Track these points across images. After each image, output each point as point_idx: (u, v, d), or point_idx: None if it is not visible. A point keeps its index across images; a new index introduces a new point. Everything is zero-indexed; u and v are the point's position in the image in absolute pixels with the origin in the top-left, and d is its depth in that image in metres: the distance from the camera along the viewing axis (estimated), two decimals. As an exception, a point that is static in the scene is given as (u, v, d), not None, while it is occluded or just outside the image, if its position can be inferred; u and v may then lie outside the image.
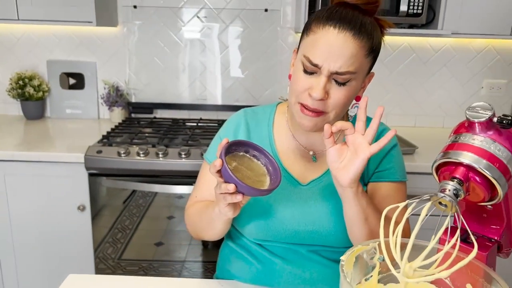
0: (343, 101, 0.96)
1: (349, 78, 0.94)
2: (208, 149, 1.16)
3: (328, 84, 0.93)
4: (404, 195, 1.09)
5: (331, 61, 0.91)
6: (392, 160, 1.08)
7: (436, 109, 2.46)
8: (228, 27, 2.35)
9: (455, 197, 0.66)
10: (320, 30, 0.94)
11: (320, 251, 1.07)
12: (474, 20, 2.00)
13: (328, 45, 0.92)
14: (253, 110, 1.15)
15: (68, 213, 1.90)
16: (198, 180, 1.16)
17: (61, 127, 2.27)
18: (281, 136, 1.10)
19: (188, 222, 1.14)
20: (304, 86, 0.95)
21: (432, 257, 0.64)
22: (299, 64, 0.97)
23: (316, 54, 0.93)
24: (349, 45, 0.92)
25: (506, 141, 0.68)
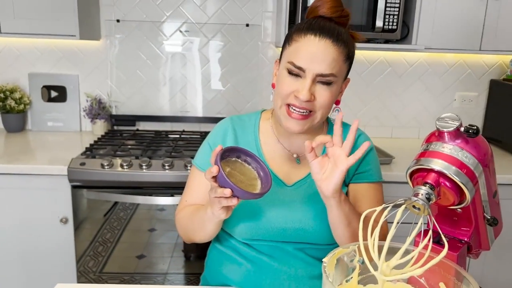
0: (328, 101, 1.03)
1: (332, 80, 1.02)
2: (196, 155, 1.20)
3: (313, 87, 1.01)
4: (381, 194, 1.17)
5: (315, 64, 0.99)
6: (370, 163, 1.16)
7: (411, 120, 2.54)
8: (210, 41, 2.40)
9: (427, 200, 0.71)
10: (302, 39, 1.02)
11: (306, 249, 1.12)
12: (446, 36, 2.10)
13: (310, 51, 1.00)
14: (239, 117, 1.21)
15: (50, 226, 1.90)
16: (187, 185, 1.20)
17: (42, 139, 2.26)
18: (266, 140, 1.16)
19: (179, 226, 1.18)
20: (290, 89, 1.02)
21: (407, 256, 0.68)
22: (283, 71, 1.05)
23: (300, 59, 1.01)
24: (330, 50, 1.00)
25: (473, 149, 0.74)
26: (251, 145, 1.15)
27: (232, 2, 2.36)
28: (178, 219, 1.18)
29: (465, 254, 0.82)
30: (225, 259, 1.17)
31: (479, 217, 0.79)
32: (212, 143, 1.17)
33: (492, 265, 2.04)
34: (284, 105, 1.04)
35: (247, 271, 1.13)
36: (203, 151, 1.19)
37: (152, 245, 1.98)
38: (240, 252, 1.14)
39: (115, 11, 2.34)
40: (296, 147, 1.15)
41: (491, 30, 2.09)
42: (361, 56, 2.43)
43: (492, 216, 0.80)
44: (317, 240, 1.11)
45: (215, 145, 1.13)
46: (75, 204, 1.89)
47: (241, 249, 1.14)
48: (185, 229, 1.15)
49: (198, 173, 1.17)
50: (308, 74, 1.00)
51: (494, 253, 2.01)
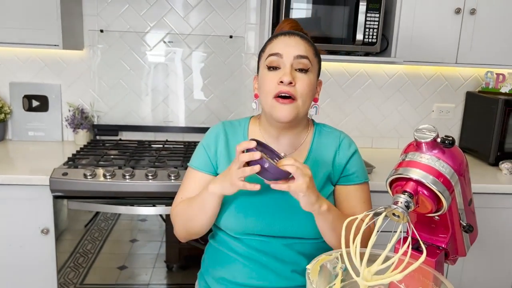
0: (307, 88, 1.12)
1: (308, 66, 1.12)
2: (192, 158, 1.28)
3: (293, 72, 1.11)
4: (368, 193, 1.25)
5: (290, 48, 1.12)
6: (356, 165, 1.23)
7: (391, 131, 2.60)
8: (194, 52, 2.42)
9: (406, 208, 0.74)
10: (274, 40, 1.16)
11: (293, 244, 1.17)
12: (424, 49, 2.16)
13: (284, 43, 1.14)
14: (230, 122, 1.29)
15: (31, 237, 1.87)
16: (183, 184, 1.27)
17: (23, 149, 2.24)
18: None
19: (176, 220, 1.23)
20: (274, 80, 1.11)
21: (388, 262, 0.71)
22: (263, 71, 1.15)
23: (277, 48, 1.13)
24: (300, 42, 1.14)
25: (449, 159, 0.77)
26: None
27: (215, 14, 2.39)
28: (175, 213, 1.23)
29: (443, 260, 0.85)
30: (218, 255, 1.23)
31: (455, 224, 0.83)
32: (206, 145, 1.25)
33: (470, 271, 2.09)
34: (273, 98, 1.11)
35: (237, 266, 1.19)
36: (198, 153, 1.26)
37: (134, 256, 1.97)
38: (231, 247, 1.20)
39: (99, 21, 2.35)
40: (284, 146, 1.22)
41: (466, 44, 2.16)
42: (342, 68, 2.48)
43: (468, 223, 0.84)
44: (303, 234, 1.16)
45: (209, 147, 1.24)
46: (56, 214, 1.87)
47: (233, 244, 1.20)
48: (183, 220, 1.20)
49: (194, 174, 1.24)
50: (286, 59, 1.11)
51: (472, 259, 2.06)
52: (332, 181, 1.22)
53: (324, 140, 1.25)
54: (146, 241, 1.98)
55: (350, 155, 1.22)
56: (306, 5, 2.09)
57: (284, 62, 1.11)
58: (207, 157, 1.24)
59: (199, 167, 1.24)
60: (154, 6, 2.36)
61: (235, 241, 1.20)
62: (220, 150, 1.23)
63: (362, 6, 2.06)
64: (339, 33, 2.12)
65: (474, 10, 2.12)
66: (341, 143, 1.24)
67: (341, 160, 1.22)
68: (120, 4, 2.34)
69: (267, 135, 1.23)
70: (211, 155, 1.24)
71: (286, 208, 1.15)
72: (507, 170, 2.15)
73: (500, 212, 2.04)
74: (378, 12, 2.08)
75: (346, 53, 2.17)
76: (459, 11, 2.12)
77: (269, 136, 1.22)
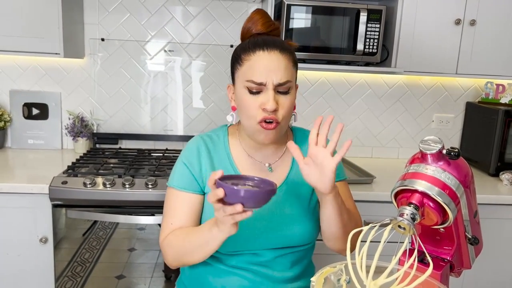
0: (290, 107, 1.11)
1: (289, 87, 1.10)
2: (172, 177, 1.19)
3: (276, 96, 1.08)
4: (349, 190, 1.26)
5: (272, 75, 1.07)
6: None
7: (391, 141, 2.60)
8: (194, 61, 2.42)
9: (412, 220, 0.74)
10: (252, 56, 1.09)
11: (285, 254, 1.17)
12: (424, 59, 2.17)
13: (265, 65, 1.08)
14: (208, 135, 1.24)
15: (29, 246, 1.86)
16: (168, 208, 1.18)
17: (22, 157, 2.23)
18: (238, 155, 1.21)
19: (168, 250, 1.14)
20: (256, 104, 1.08)
21: (394, 275, 0.70)
22: (242, 91, 1.11)
23: (258, 75, 1.08)
24: (280, 60, 1.09)
25: (454, 171, 0.77)
26: (225, 161, 1.19)
27: (216, 24, 2.40)
28: (167, 243, 1.14)
29: (448, 272, 0.84)
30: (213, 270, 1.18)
31: (461, 237, 0.82)
32: (188, 162, 1.18)
33: (471, 282, 2.08)
34: (257, 123, 1.09)
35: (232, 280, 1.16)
36: (179, 171, 1.18)
37: (132, 265, 1.96)
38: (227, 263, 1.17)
39: (100, 29, 2.35)
40: (267, 156, 1.20)
41: (466, 55, 2.17)
42: (342, 78, 2.49)
43: (473, 236, 0.83)
44: (296, 242, 1.16)
45: (192, 164, 1.17)
46: (55, 223, 1.86)
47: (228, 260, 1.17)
48: (177, 253, 1.12)
49: (178, 195, 1.16)
50: (269, 86, 1.07)
51: (472, 270, 2.05)
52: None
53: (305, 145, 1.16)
54: (144, 250, 1.97)
55: None
56: (306, 15, 2.10)
57: (267, 87, 1.07)
58: (191, 175, 1.16)
59: (184, 187, 1.16)
60: (155, 15, 2.37)
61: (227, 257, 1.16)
62: (205, 168, 1.17)
63: (362, 17, 2.07)
64: (339, 43, 2.13)
65: (474, 21, 2.13)
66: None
67: None
68: (121, 13, 2.35)
69: (248, 146, 1.20)
70: (195, 173, 1.16)
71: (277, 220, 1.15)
72: (508, 181, 2.15)
73: (501, 223, 2.03)
74: (378, 22, 2.09)
75: (346, 63, 2.18)
76: (459, 22, 2.13)
77: (250, 147, 1.20)
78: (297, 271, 1.20)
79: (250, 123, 1.10)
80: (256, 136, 1.12)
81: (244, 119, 1.13)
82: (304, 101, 2.47)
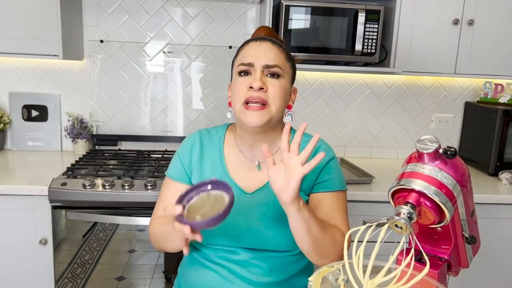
0: (279, 93, 1.12)
1: (279, 72, 1.12)
2: (169, 166, 1.28)
3: (263, 78, 1.11)
4: (344, 202, 1.19)
5: (260, 58, 1.11)
6: (331, 172, 1.19)
7: (391, 141, 2.60)
8: (193, 62, 2.42)
9: (409, 219, 0.74)
10: (246, 47, 1.17)
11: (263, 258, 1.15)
12: (422, 59, 2.17)
13: (254, 50, 1.14)
14: (208, 130, 1.29)
15: (29, 248, 1.86)
16: (160, 195, 1.27)
17: (22, 159, 2.23)
18: (230, 151, 1.23)
19: (151, 235, 1.23)
20: (244, 85, 1.11)
21: (391, 274, 0.70)
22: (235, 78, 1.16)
23: (247, 57, 1.13)
24: (271, 48, 1.14)
25: (451, 170, 0.77)
26: (215, 155, 1.23)
27: (215, 25, 2.40)
28: (151, 229, 1.23)
29: (446, 271, 0.84)
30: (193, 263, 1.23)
31: (458, 236, 0.82)
32: (181, 153, 1.25)
33: (470, 281, 2.08)
34: (242, 104, 1.11)
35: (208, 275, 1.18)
36: (174, 163, 1.26)
37: (132, 267, 1.96)
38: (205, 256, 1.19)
39: (99, 31, 2.36)
40: (258, 154, 1.21)
41: (465, 55, 2.17)
42: (341, 79, 2.49)
43: (470, 235, 0.83)
44: (274, 247, 1.14)
45: (184, 156, 1.24)
46: (54, 225, 1.86)
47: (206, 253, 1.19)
48: (156, 239, 1.20)
49: (170, 183, 1.24)
50: (257, 66, 1.11)
51: (472, 269, 2.05)
52: (306, 191, 1.18)
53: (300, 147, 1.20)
54: (144, 252, 1.97)
55: (325, 162, 1.18)
56: (305, 16, 2.11)
57: (255, 69, 1.11)
58: (182, 166, 1.23)
59: (174, 177, 1.24)
60: (154, 16, 2.37)
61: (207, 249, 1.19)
62: (194, 160, 1.22)
63: (361, 17, 2.08)
64: (338, 43, 2.13)
65: (472, 21, 2.13)
66: (317, 151, 1.18)
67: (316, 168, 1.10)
68: (120, 14, 2.35)
69: (242, 142, 1.21)
70: (185, 164, 1.23)
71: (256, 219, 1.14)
72: (507, 180, 2.15)
73: (500, 223, 2.03)
74: (377, 23, 2.09)
75: (345, 63, 2.18)
76: (457, 22, 2.13)
77: (244, 143, 1.21)
78: (278, 279, 1.16)
79: (237, 106, 1.12)
80: (242, 119, 1.12)
81: (234, 107, 1.15)
82: (303, 101, 2.47)
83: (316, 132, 1.27)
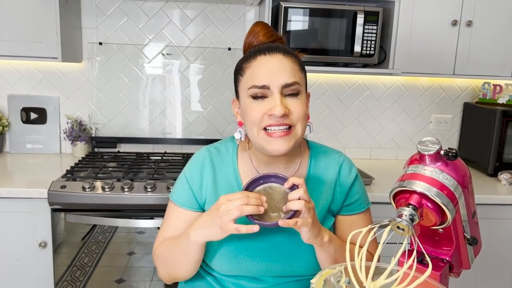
0: (303, 111, 1.00)
1: (298, 89, 1.00)
2: (174, 189, 1.16)
3: (284, 101, 0.98)
4: (370, 218, 1.16)
5: (276, 77, 0.97)
6: (358, 192, 1.14)
7: (390, 142, 2.60)
8: (192, 64, 2.42)
9: (411, 221, 0.74)
10: (253, 62, 1.00)
11: (286, 283, 1.10)
12: (421, 60, 2.17)
13: (267, 67, 0.98)
14: (216, 148, 1.15)
15: (28, 251, 1.85)
16: (165, 221, 1.15)
17: (21, 162, 2.22)
18: (245, 172, 1.11)
19: (158, 263, 1.11)
20: (261, 112, 0.98)
21: (393, 276, 0.70)
22: (247, 100, 1.01)
23: (261, 78, 0.98)
24: (284, 62, 1.00)
25: (452, 171, 0.77)
26: (231, 177, 1.12)
27: (214, 27, 2.40)
28: (156, 256, 1.12)
29: (447, 273, 0.84)
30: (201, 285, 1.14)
31: (459, 237, 0.82)
32: (189, 176, 1.12)
33: (471, 282, 2.08)
34: (261, 130, 1.00)
35: None
36: (180, 186, 1.14)
37: (132, 269, 1.95)
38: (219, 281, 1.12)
39: (98, 33, 2.36)
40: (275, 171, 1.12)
41: (463, 56, 2.18)
42: (340, 80, 2.49)
43: (472, 236, 0.83)
44: (303, 272, 1.08)
45: (192, 179, 1.11)
46: (54, 227, 1.85)
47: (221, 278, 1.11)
48: (165, 264, 1.09)
49: (176, 210, 1.13)
50: (274, 89, 0.97)
51: (472, 270, 2.05)
52: (333, 212, 1.13)
53: (321, 164, 1.13)
54: (143, 254, 1.96)
55: (352, 182, 1.13)
56: (304, 18, 2.11)
57: (272, 91, 0.97)
58: (191, 191, 1.11)
59: (181, 203, 1.11)
60: (153, 19, 2.37)
61: (226, 277, 1.10)
62: (206, 184, 1.10)
63: (360, 19, 2.08)
64: (337, 45, 2.14)
65: (471, 22, 2.14)
66: (341, 168, 1.13)
67: (343, 188, 1.11)
68: (119, 17, 2.35)
69: (257, 161, 1.10)
70: (195, 189, 1.10)
71: (282, 247, 1.07)
72: (506, 181, 2.15)
73: (500, 223, 2.03)
74: (375, 24, 2.09)
75: (344, 64, 2.18)
76: (456, 23, 2.14)
77: (260, 162, 1.10)
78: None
79: (254, 132, 1.00)
80: (264, 146, 1.00)
81: (250, 129, 1.02)
82: (302, 103, 2.47)
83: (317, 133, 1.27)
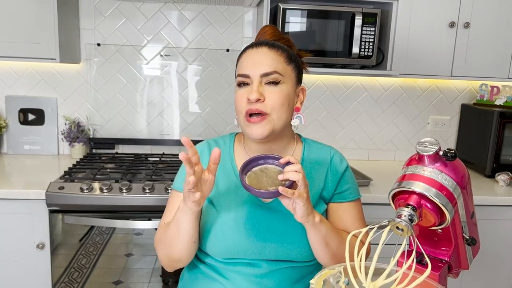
0: (278, 101, 1.08)
1: (278, 79, 1.09)
2: (175, 179, 1.22)
3: (261, 88, 1.08)
4: (361, 210, 1.22)
5: (256, 67, 1.08)
6: (348, 181, 1.20)
7: (388, 143, 2.61)
8: (191, 65, 2.42)
9: (410, 222, 0.74)
10: (244, 55, 1.13)
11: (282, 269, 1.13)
12: (419, 62, 2.18)
13: (251, 58, 1.10)
14: (215, 140, 1.25)
15: (26, 252, 1.85)
16: (167, 208, 1.22)
17: (19, 163, 2.22)
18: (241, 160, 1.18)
19: (158, 246, 1.16)
20: (243, 98, 1.09)
21: (392, 276, 0.71)
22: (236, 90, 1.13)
23: (244, 68, 1.10)
24: (268, 54, 1.10)
25: (451, 172, 0.77)
26: (227, 166, 1.19)
27: (212, 28, 2.40)
28: (156, 240, 1.18)
29: (446, 273, 0.84)
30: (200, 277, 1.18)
31: (458, 237, 0.83)
32: None
33: (468, 283, 2.08)
34: (244, 116, 1.09)
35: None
36: (181, 174, 1.22)
37: (129, 271, 1.95)
38: (216, 270, 1.15)
39: (96, 34, 2.35)
40: None
41: (461, 57, 2.18)
42: (338, 81, 2.50)
43: (470, 236, 0.84)
44: (296, 257, 1.12)
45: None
46: (51, 229, 1.85)
47: (218, 266, 1.15)
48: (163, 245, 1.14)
49: (176, 195, 1.19)
50: (254, 78, 1.08)
51: (470, 271, 2.06)
52: (325, 199, 1.19)
53: (314, 156, 1.21)
54: (141, 255, 1.96)
55: (343, 171, 1.20)
56: (302, 19, 2.11)
57: (252, 79, 1.08)
58: None
59: (181, 188, 1.17)
60: (151, 20, 2.37)
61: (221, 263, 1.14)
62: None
63: (358, 20, 2.08)
64: (335, 46, 2.14)
65: (468, 24, 2.15)
66: (332, 159, 1.21)
67: (334, 177, 1.19)
68: (117, 18, 2.35)
69: (251, 151, 1.18)
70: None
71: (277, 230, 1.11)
72: (504, 182, 2.16)
73: (498, 224, 2.04)
74: (373, 26, 2.10)
75: (342, 66, 2.19)
76: (453, 25, 2.14)
77: (253, 152, 1.17)
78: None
79: (240, 119, 1.11)
80: (247, 132, 1.11)
81: (238, 118, 1.13)
82: (300, 104, 2.48)
83: (314, 134, 1.29)
